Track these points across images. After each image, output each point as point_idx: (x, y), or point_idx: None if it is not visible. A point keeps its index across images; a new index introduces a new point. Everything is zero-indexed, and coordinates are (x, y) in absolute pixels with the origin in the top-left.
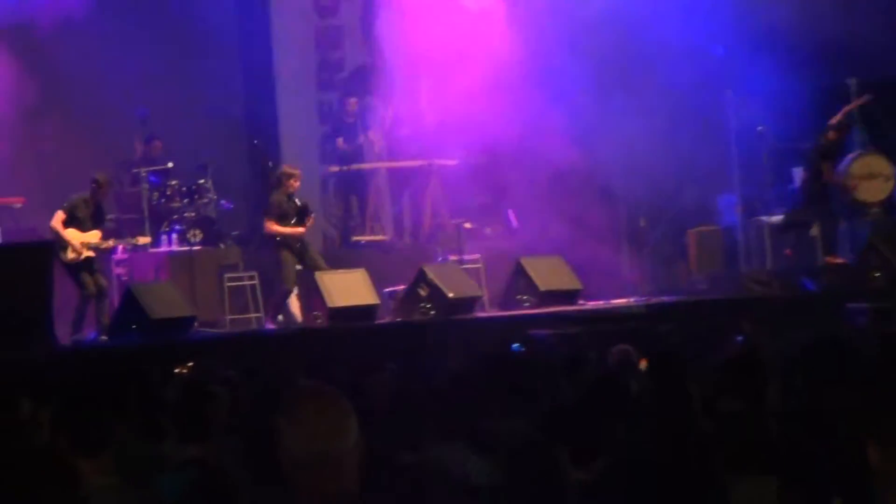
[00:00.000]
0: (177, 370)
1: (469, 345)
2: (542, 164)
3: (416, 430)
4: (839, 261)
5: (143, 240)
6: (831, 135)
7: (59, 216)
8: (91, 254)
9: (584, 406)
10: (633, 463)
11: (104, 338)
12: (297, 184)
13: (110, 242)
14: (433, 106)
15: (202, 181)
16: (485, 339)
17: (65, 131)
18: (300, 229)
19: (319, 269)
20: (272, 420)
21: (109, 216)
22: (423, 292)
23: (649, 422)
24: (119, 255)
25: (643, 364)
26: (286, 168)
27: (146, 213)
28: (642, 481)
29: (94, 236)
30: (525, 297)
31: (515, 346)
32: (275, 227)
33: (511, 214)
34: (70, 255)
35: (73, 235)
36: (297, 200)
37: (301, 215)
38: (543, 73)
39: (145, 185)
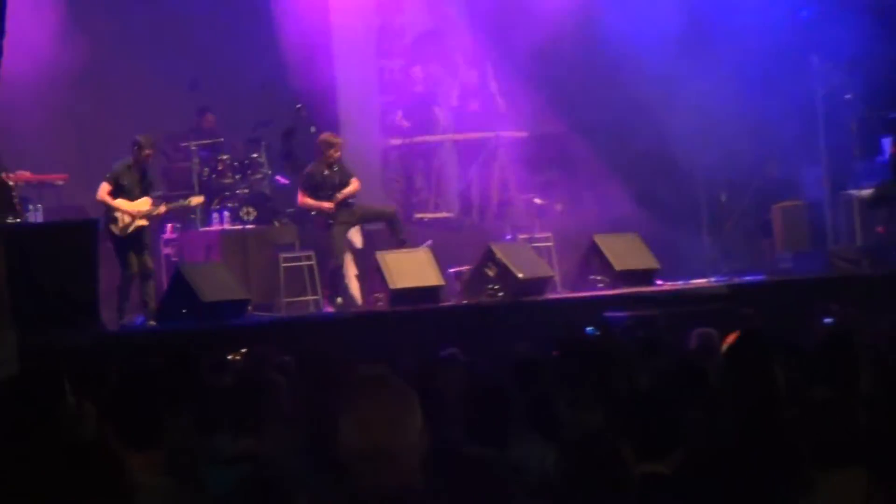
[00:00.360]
0: (230, 357)
1: (540, 328)
2: (615, 135)
3: (483, 421)
4: None
5: (196, 200)
6: None
7: (105, 187)
8: (143, 222)
9: (661, 394)
10: (712, 454)
11: (152, 322)
12: (338, 154)
13: (162, 208)
14: (501, 74)
15: (255, 155)
16: (556, 322)
17: (108, 103)
18: (327, 204)
19: (401, 232)
20: (330, 410)
21: (157, 193)
22: (490, 273)
23: (730, 410)
24: (168, 234)
25: (724, 348)
26: (325, 136)
27: (196, 190)
28: (722, 474)
29: (144, 203)
30: (599, 278)
31: (589, 329)
32: (305, 200)
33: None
34: (121, 224)
35: (122, 204)
36: (337, 168)
37: (341, 186)
38: (615, 39)
39: (196, 160)
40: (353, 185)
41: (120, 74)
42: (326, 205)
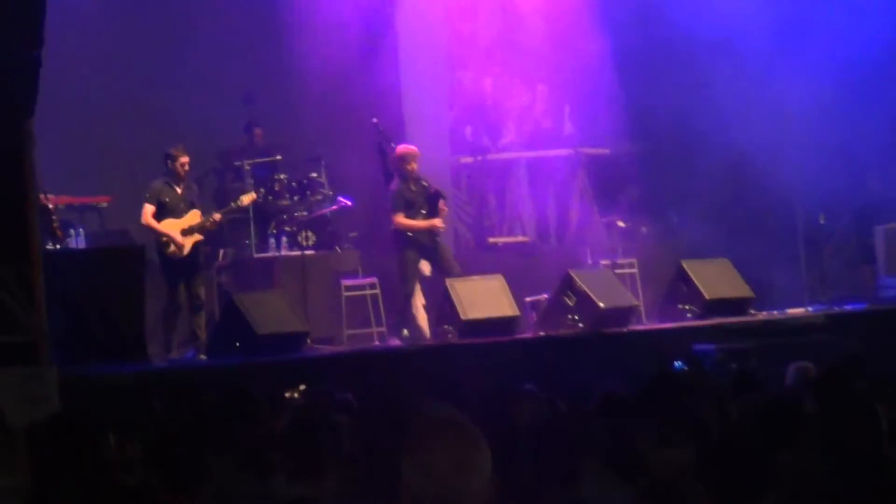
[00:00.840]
0: (287, 394)
1: (623, 362)
2: (703, 153)
3: (561, 464)
4: None
5: (248, 198)
6: None
7: (148, 210)
8: (198, 237)
9: (754, 432)
10: (808, 498)
11: (203, 357)
12: (415, 165)
13: (216, 216)
14: (579, 87)
15: (315, 175)
16: (641, 355)
17: (154, 119)
18: (435, 221)
19: (453, 274)
20: (393, 452)
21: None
22: (569, 302)
23: (829, 451)
24: (220, 260)
25: (821, 382)
26: (401, 149)
27: (251, 213)
28: None
29: (193, 216)
30: (688, 307)
31: (677, 363)
32: (403, 221)
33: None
34: (172, 248)
35: (170, 226)
36: (424, 183)
37: (432, 203)
38: (699, 51)
39: (249, 180)
40: (446, 208)
41: (165, 88)
42: (435, 222)
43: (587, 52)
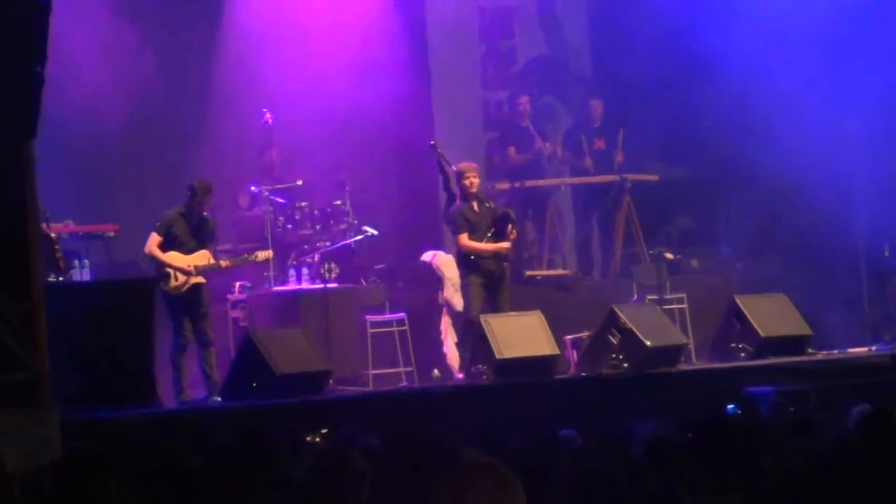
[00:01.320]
0: (308, 439)
1: (671, 405)
2: (757, 180)
3: None
4: None
5: (263, 255)
6: None
7: (154, 239)
8: (200, 279)
9: (814, 481)
10: None
11: (217, 399)
12: (475, 180)
13: (222, 262)
14: (625, 108)
15: (338, 202)
16: (691, 398)
17: (166, 142)
18: (504, 244)
19: (503, 311)
20: (423, 502)
21: (225, 246)
22: (614, 340)
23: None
24: (236, 294)
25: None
26: (460, 166)
27: (269, 243)
28: None
29: (201, 257)
30: (741, 346)
31: (730, 407)
32: (468, 243)
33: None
34: (173, 283)
35: (175, 258)
36: (489, 205)
37: (499, 226)
38: (756, 72)
39: (269, 207)
40: (515, 231)
41: (177, 109)
42: (503, 245)
43: (636, 71)
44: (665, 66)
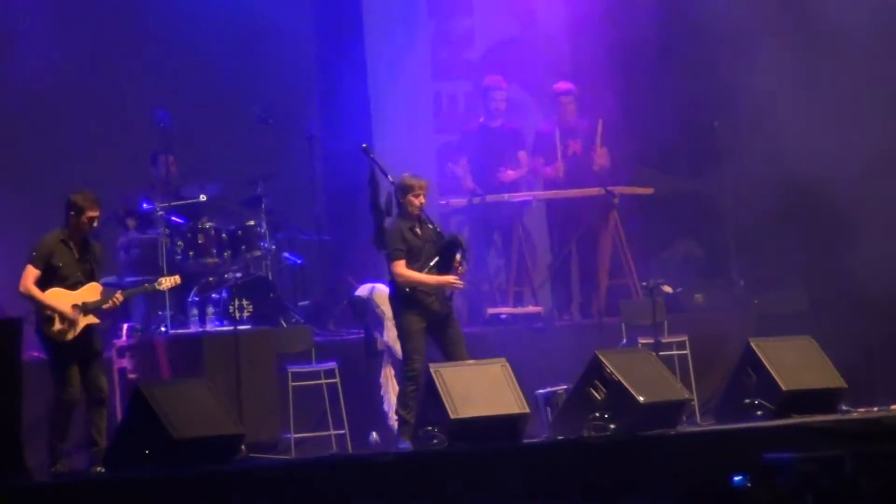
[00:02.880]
0: None
1: (670, 476)
2: (780, 196)
3: None
4: None
5: (168, 282)
6: None
7: (31, 273)
8: (92, 320)
9: None
10: None
11: (100, 469)
12: (423, 200)
13: (118, 296)
14: (612, 105)
15: (252, 223)
16: (695, 468)
17: (40, 149)
18: (449, 278)
19: (457, 359)
20: None
21: (108, 279)
22: (598, 395)
23: None
24: (124, 339)
25: None
26: (404, 178)
27: (165, 272)
28: None
29: (90, 291)
30: (758, 402)
31: (737, 478)
32: (406, 273)
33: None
34: (58, 326)
35: (58, 297)
36: (432, 226)
37: (445, 254)
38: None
39: (164, 230)
40: (464, 263)
41: (58, 112)
42: (450, 278)
43: (622, 58)
44: (664, 52)
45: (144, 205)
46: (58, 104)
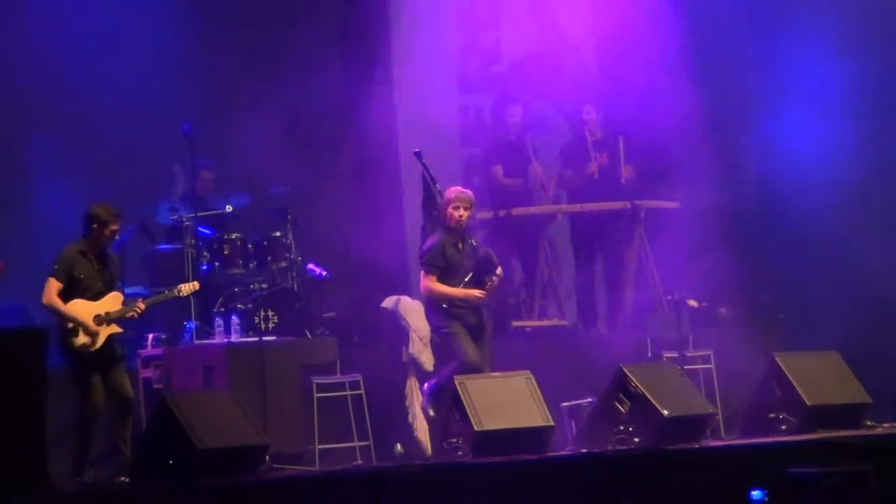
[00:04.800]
0: None
1: (694, 491)
2: (806, 211)
3: None
4: None
5: (188, 288)
6: None
7: (53, 285)
8: (115, 329)
9: None
10: None
11: (124, 479)
12: (465, 214)
13: (140, 305)
14: (639, 118)
15: (278, 234)
16: (718, 482)
17: (65, 160)
18: (474, 291)
19: (483, 373)
20: None
21: (135, 289)
22: (622, 408)
23: None
24: (149, 349)
25: None
26: (450, 192)
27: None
28: None
29: (112, 301)
30: (783, 416)
31: (757, 494)
32: (436, 287)
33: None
34: (81, 338)
35: (80, 309)
36: (473, 243)
37: (480, 269)
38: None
39: (190, 241)
40: (495, 280)
41: (81, 118)
42: (475, 292)
43: (650, 76)
44: (692, 66)
45: (171, 216)
46: (92, 108)
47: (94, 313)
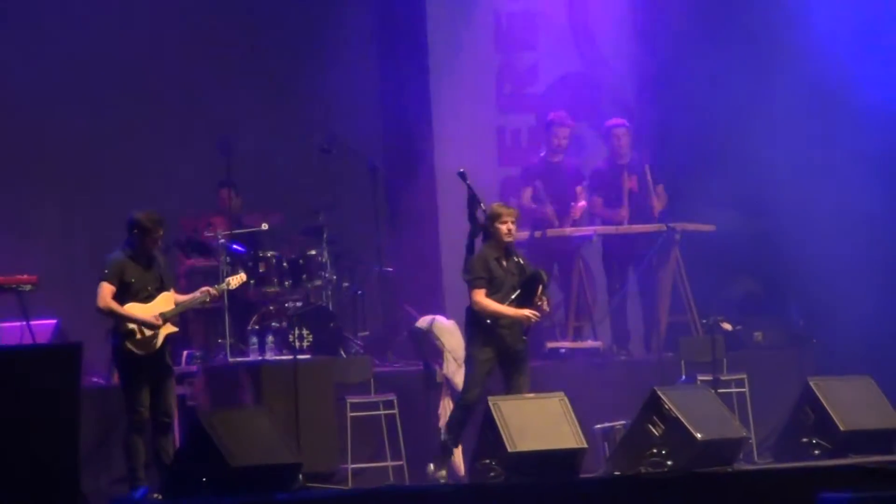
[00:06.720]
0: None
1: None
2: (843, 234)
3: None
4: None
5: (237, 280)
6: None
7: (106, 289)
8: (171, 329)
9: None
10: None
11: (157, 496)
12: (512, 228)
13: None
14: (677, 142)
15: (313, 252)
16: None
17: (96, 176)
18: (526, 311)
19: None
20: None
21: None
22: (656, 431)
23: None
24: (183, 365)
25: None
26: (493, 206)
27: (225, 301)
28: None
29: (165, 301)
30: (816, 441)
31: None
32: (484, 302)
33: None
34: (140, 337)
35: (138, 310)
36: (519, 260)
37: (528, 287)
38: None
39: (225, 258)
40: (545, 299)
41: (110, 138)
42: (526, 312)
43: (688, 99)
44: (729, 88)
45: (206, 233)
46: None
47: (151, 313)
